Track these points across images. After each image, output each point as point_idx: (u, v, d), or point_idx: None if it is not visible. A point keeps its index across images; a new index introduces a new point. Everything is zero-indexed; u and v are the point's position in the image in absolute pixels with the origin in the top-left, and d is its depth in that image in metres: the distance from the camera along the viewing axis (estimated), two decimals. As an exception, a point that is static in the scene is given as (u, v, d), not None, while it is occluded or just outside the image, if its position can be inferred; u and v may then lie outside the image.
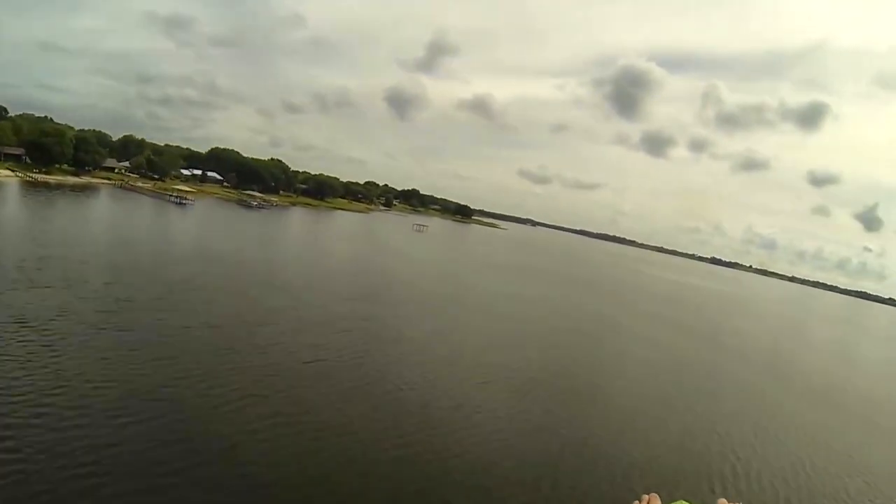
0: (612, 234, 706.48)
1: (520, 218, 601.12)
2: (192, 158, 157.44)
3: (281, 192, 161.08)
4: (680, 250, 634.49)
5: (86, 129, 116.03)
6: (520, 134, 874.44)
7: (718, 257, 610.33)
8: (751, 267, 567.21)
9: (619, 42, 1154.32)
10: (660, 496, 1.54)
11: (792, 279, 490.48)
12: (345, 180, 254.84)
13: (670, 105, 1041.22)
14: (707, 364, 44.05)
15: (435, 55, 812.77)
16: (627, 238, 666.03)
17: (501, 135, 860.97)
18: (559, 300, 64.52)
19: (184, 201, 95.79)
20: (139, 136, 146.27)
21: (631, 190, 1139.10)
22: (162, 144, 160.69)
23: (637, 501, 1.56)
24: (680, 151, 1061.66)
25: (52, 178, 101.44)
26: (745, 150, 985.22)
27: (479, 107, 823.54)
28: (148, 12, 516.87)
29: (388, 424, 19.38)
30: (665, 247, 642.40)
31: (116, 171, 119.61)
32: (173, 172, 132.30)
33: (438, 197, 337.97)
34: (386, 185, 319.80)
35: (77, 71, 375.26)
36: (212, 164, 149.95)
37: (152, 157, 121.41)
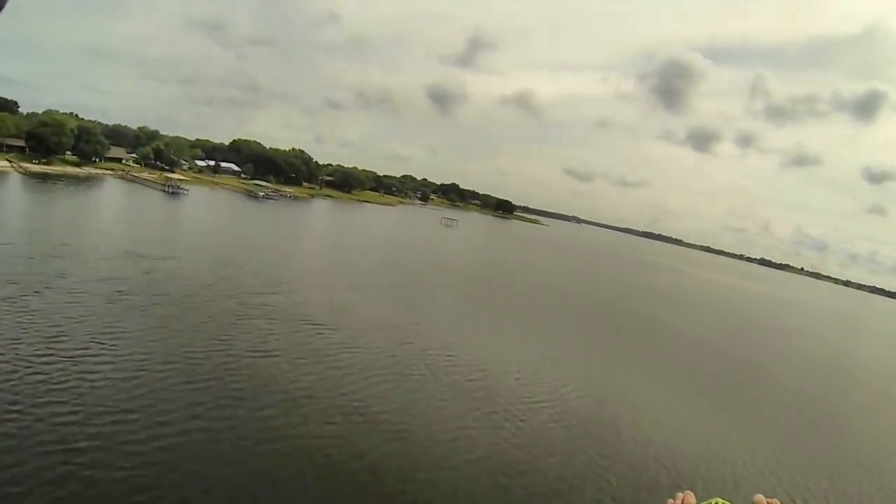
0: (656, 232, 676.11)
1: (564, 215, 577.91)
2: (214, 150, 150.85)
3: (304, 183, 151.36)
4: (726, 250, 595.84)
5: (91, 119, 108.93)
6: (563, 130, 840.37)
7: (768, 258, 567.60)
8: (802, 269, 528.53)
9: (662, 34, 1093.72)
10: (694, 493, 1.52)
11: (847, 283, 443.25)
12: (384, 174, 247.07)
13: (716, 98, 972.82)
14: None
15: (474, 50, 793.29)
16: (673, 237, 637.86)
17: (545, 131, 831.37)
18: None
19: (177, 191, 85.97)
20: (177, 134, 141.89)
21: (675, 187, 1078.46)
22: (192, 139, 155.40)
23: (671, 500, 1.53)
24: (726, 147, 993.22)
25: (52, 169, 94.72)
26: (795, 144, 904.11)
27: (521, 102, 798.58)
28: (187, 16, 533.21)
29: None
30: (712, 246, 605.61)
31: (124, 161, 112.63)
32: (185, 163, 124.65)
33: (479, 192, 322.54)
34: (425, 180, 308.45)
35: (124, 74, 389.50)
36: (232, 156, 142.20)
37: (161, 147, 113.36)
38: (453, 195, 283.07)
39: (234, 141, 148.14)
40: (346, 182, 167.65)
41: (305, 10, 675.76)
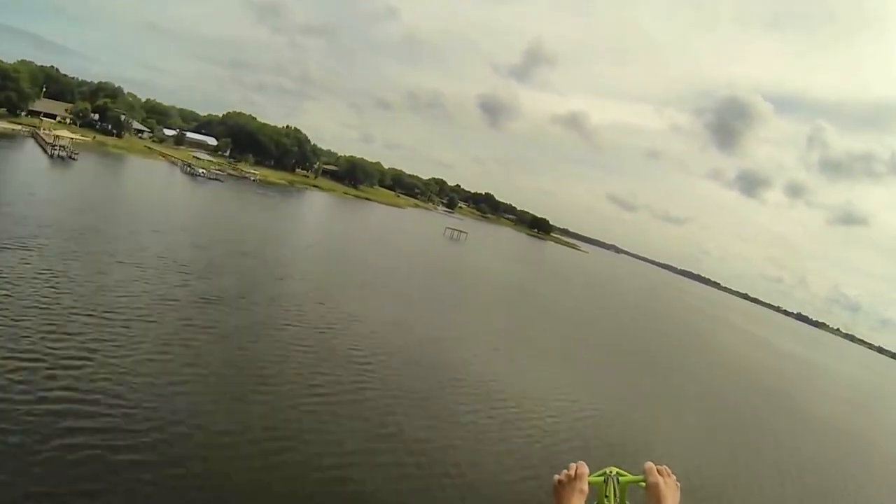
0: (695, 272, 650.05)
1: (604, 242, 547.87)
2: (208, 124, 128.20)
3: (297, 170, 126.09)
4: (762, 299, 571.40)
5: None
6: (612, 156, 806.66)
7: (804, 314, 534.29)
8: (838, 330, 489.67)
9: (725, 73, 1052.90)
10: (587, 464, 1.61)
11: (880, 350, 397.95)
12: (411, 174, 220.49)
13: (771, 144, 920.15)
14: None
15: (532, 64, 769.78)
16: (711, 279, 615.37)
17: (593, 155, 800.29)
18: None
19: (63, 154, 61.11)
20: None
21: (718, 229, 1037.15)
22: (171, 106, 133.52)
23: (565, 469, 1.59)
24: (775, 195, 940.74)
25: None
26: (845, 202, 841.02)
27: (573, 123, 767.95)
28: None
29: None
30: (749, 294, 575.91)
31: (59, 118, 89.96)
32: (144, 128, 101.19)
33: (516, 207, 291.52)
34: (458, 186, 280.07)
35: (178, 53, 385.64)
36: (224, 130, 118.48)
37: (107, 104, 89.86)
38: (485, 205, 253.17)
39: (227, 113, 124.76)
40: (351, 174, 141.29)
41: (363, 2, 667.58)
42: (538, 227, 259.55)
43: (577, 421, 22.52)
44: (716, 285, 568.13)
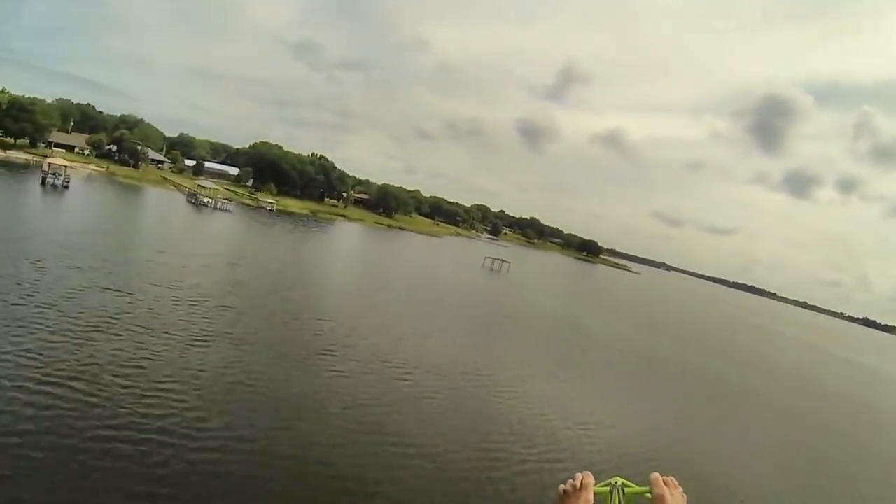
0: (748, 283, 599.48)
1: (652, 261, 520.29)
2: (235, 155, 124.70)
3: (326, 199, 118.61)
4: (822, 306, 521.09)
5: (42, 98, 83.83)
6: (653, 171, 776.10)
7: (871, 318, 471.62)
8: None
9: (758, 73, 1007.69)
10: (593, 474, 1.58)
11: None
12: (452, 201, 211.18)
13: (816, 139, 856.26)
14: None
15: (566, 83, 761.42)
16: (766, 290, 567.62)
17: (634, 172, 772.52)
18: None
19: (56, 183, 54.54)
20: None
21: (768, 235, 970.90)
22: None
23: (571, 479, 1.57)
24: (826, 192, 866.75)
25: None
26: None
27: (612, 141, 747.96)
28: (278, 38, 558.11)
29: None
30: (808, 302, 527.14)
31: (77, 150, 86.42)
32: (164, 159, 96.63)
33: (563, 230, 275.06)
34: (502, 212, 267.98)
35: (222, 94, 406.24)
36: (247, 160, 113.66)
37: (124, 135, 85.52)
38: (530, 230, 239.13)
39: (252, 144, 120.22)
40: (384, 202, 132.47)
41: (395, 35, 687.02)
42: (587, 249, 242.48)
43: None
44: (771, 295, 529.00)
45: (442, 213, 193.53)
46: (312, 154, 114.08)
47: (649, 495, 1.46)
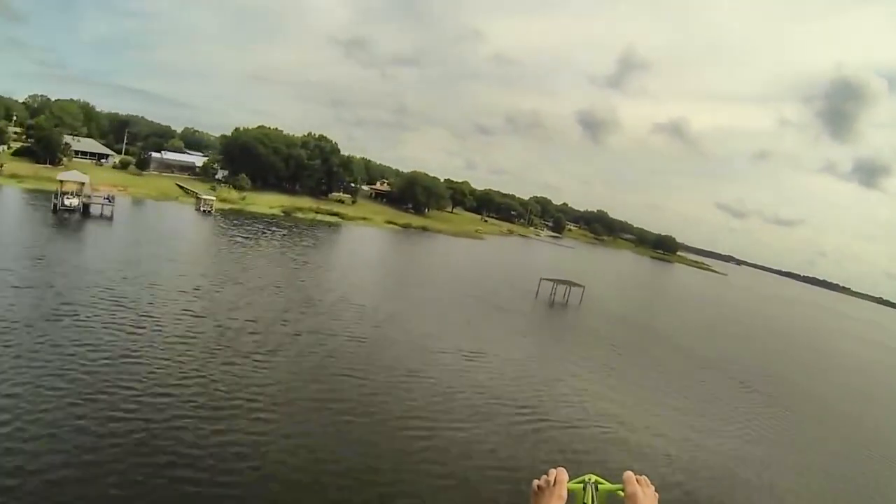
0: (820, 277, 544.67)
1: (718, 254, 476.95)
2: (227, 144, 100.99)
3: (332, 193, 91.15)
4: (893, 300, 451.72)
5: None
6: (717, 161, 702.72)
7: None
8: None
9: (826, 57, 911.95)
10: (567, 471, 1.59)
11: None
12: (502, 192, 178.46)
13: (889, 126, 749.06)
14: None
15: (626, 71, 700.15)
16: (840, 284, 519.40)
17: (698, 162, 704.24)
18: None
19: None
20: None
21: (838, 227, 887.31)
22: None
23: (545, 475, 1.57)
24: None
25: None
26: None
27: (674, 131, 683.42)
28: (332, 37, 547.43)
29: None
30: (883, 297, 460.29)
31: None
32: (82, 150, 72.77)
33: (633, 225, 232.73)
34: (565, 205, 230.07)
35: (282, 98, 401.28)
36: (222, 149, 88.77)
37: (39, 122, 62.26)
38: (598, 226, 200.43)
39: (236, 129, 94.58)
40: (409, 195, 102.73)
41: (448, 28, 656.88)
42: (662, 246, 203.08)
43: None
44: (845, 290, 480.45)
45: (493, 207, 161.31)
46: (308, 134, 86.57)
47: (622, 493, 1.47)
